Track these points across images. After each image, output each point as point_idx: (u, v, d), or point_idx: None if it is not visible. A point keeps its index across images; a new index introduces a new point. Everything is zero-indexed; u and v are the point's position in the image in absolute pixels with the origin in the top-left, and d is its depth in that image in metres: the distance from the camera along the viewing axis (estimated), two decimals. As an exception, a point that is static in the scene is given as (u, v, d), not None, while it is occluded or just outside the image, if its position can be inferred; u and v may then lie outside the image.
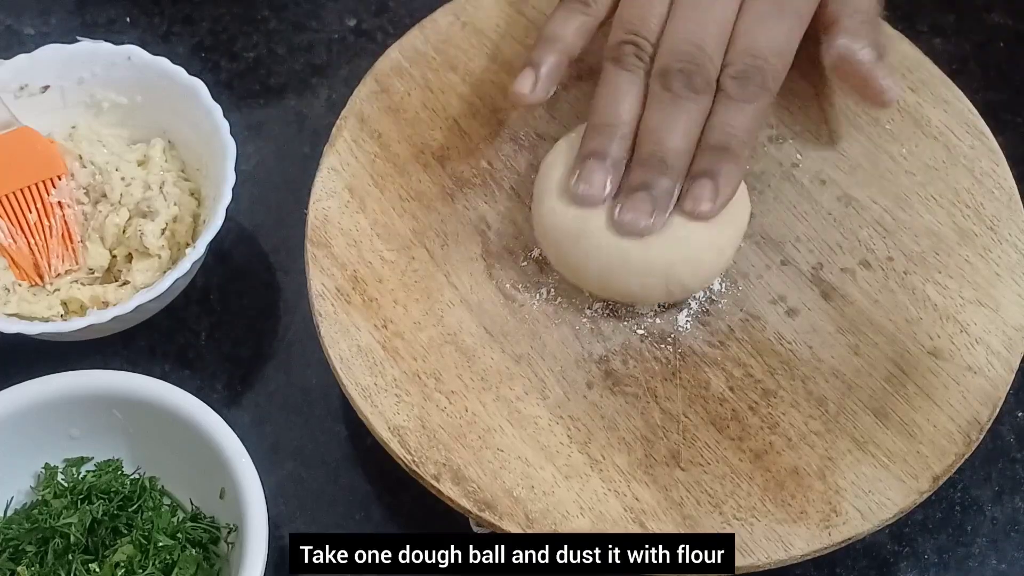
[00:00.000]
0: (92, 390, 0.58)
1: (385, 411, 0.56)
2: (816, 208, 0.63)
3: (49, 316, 0.63)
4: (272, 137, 0.73)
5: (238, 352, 0.66)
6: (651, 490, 0.55)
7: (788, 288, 0.61)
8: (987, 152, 0.64)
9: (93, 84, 0.68)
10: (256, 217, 0.70)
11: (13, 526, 0.58)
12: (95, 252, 0.65)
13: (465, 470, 0.55)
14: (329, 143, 0.64)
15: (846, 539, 0.54)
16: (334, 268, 0.60)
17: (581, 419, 0.57)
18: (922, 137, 0.65)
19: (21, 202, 0.65)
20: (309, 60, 0.77)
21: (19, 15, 0.79)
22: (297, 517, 0.62)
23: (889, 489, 0.55)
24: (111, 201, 0.66)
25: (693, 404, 0.57)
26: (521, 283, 0.61)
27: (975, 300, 0.60)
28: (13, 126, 0.66)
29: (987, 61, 0.76)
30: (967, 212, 0.62)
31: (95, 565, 0.56)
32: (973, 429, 0.56)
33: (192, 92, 0.66)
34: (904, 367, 0.58)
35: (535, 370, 0.58)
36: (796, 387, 0.58)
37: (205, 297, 0.68)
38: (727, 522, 0.54)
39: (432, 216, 0.63)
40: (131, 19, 0.78)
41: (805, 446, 0.56)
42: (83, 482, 0.59)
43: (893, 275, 0.61)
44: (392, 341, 0.58)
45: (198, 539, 0.58)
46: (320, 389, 0.65)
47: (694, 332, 0.59)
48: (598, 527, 0.54)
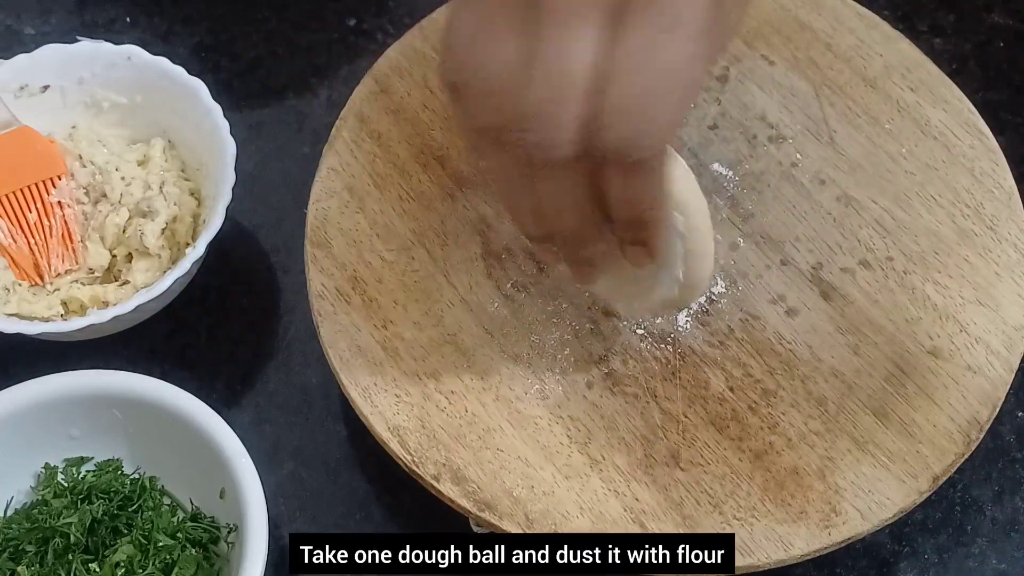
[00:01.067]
0: (92, 390, 0.58)
1: (385, 411, 0.56)
2: (816, 208, 0.63)
3: (49, 316, 0.63)
4: (272, 137, 0.73)
5: (238, 352, 0.66)
6: (651, 490, 0.55)
7: (788, 288, 0.61)
8: (987, 152, 0.64)
9: (93, 84, 0.68)
10: (256, 217, 0.70)
11: (13, 526, 0.58)
12: (95, 252, 0.65)
13: (465, 470, 0.55)
14: (329, 143, 0.64)
15: (846, 539, 0.54)
16: (334, 268, 0.60)
17: (581, 419, 0.57)
18: (922, 137, 0.65)
19: (21, 202, 0.65)
20: (309, 60, 0.77)
21: (19, 15, 0.79)
22: (297, 517, 0.62)
23: (889, 489, 0.55)
24: (111, 201, 0.66)
25: (693, 404, 0.57)
26: (521, 283, 0.61)
27: (975, 300, 0.60)
28: (13, 126, 0.66)
29: (987, 61, 0.76)
30: (967, 212, 0.62)
31: (95, 565, 0.56)
32: (973, 429, 0.56)
33: (192, 92, 0.66)
34: (904, 367, 0.58)
35: (535, 370, 0.58)
36: (796, 387, 0.58)
37: (205, 297, 0.68)
38: (727, 522, 0.54)
39: (432, 216, 0.63)
40: (131, 19, 0.78)
41: (805, 446, 0.56)
42: (83, 482, 0.59)
43: (893, 275, 0.61)
44: (392, 341, 0.58)
45: (198, 539, 0.58)
46: (320, 389, 0.65)
47: (694, 332, 0.59)
48: (598, 527, 0.54)
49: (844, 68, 0.67)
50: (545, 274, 0.61)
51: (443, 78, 0.45)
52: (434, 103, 0.66)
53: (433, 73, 0.67)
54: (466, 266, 0.61)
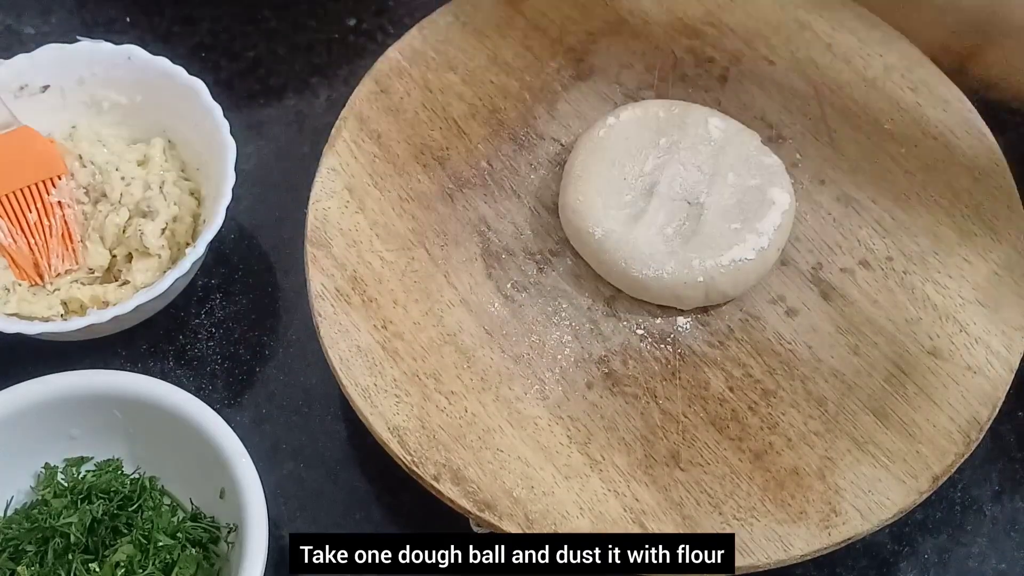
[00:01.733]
0: (92, 390, 0.58)
1: (385, 411, 0.56)
2: (816, 208, 0.63)
3: (49, 316, 0.63)
4: (272, 137, 0.73)
5: (238, 352, 0.66)
6: (651, 490, 0.55)
7: (787, 288, 0.61)
8: (987, 152, 0.64)
9: (93, 84, 0.68)
10: (256, 217, 0.70)
11: (13, 526, 0.58)
12: (95, 252, 0.65)
13: (465, 470, 0.55)
14: (329, 144, 0.64)
15: (846, 539, 0.54)
16: (334, 268, 0.60)
17: (581, 419, 0.57)
18: (922, 137, 0.65)
19: (21, 202, 0.65)
20: (309, 60, 0.77)
21: (19, 15, 0.79)
22: (297, 517, 0.62)
23: (889, 489, 0.55)
24: (111, 201, 0.66)
25: (693, 404, 0.57)
26: (521, 283, 0.61)
27: (975, 300, 0.60)
28: (13, 126, 0.66)
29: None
30: (967, 212, 0.62)
31: (95, 565, 0.56)
32: (973, 429, 0.56)
33: (192, 92, 0.66)
34: (904, 367, 0.58)
35: (535, 370, 0.58)
36: (796, 387, 0.58)
37: (205, 297, 0.68)
38: (727, 522, 0.54)
39: (432, 216, 0.63)
40: (131, 19, 0.78)
41: (805, 446, 0.56)
42: (83, 482, 0.59)
43: (893, 275, 0.61)
44: (392, 341, 0.58)
45: (198, 539, 0.58)
46: (320, 389, 0.65)
47: (694, 332, 0.59)
48: (598, 527, 0.54)
49: (844, 68, 0.67)
50: (545, 274, 0.61)
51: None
52: (434, 103, 0.66)
53: (433, 73, 0.67)
54: (466, 266, 0.61)
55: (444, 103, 0.66)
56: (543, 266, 0.61)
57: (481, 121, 0.66)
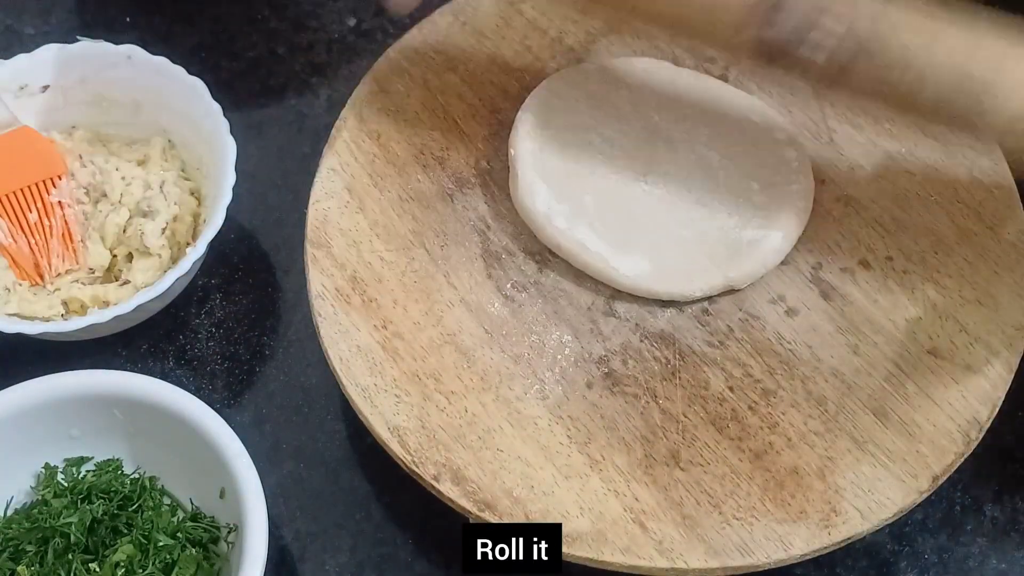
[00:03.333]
0: (92, 390, 0.58)
1: (385, 411, 0.56)
2: (815, 208, 0.63)
3: (49, 316, 0.63)
4: (272, 137, 0.73)
5: (238, 352, 0.66)
6: (651, 490, 0.55)
7: (787, 288, 0.61)
8: (987, 152, 0.64)
9: (93, 84, 0.68)
10: (256, 217, 0.70)
11: (13, 526, 0.58)
12: (95, 252, 0.65)
13: (465, 470, 0.55)
14: (328, 144, 0.64)
15: (846, 539, 0.54)
16: (333, 268, 0.60)
17: (581, 419, 0.57)
18: (922, 137, 0.65)
19: (21, 202, 0.65)
20: (309, 60, 0.77)
21: (19, 15, 0.79)
22: (297, 517, 0.62)
23: (889, 489, 0.55)
24: (111, 201, 0.66)
25: (693, 404, 0.57)
26: (521, 283, 0.61)
27: (974, 299, 0.60)
28: (13, 126, 0.66)
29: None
30: (967, 212, 0.62)
31: (95, 565, 0.56)
32: (972, 429, 0.56)
33: (192, 92, 0.66)
34: (903, 367, 0.58)
35: (535, 370, 0.58)
36: (796, 387, 0.58)
37: (205, 297, 0.68)
38: (727, 522, 0.54)
39: (431, 216, 0.63)
40: (131, 19, 0.78)
41: (805, 446, 0.56)
42: (83, 482, 0.59)
43: (892, 275, 0.61)
44: (392, 341, 0.59)
45: (198, 539, 0.58)
46: (320, 389, 0.65)
47: (694, 332, 0.59)
48: (598, 527, 0.54)
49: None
50: (545, 274, 0.61)
51: None
52: (434, 103, 0.66)
53: (433, 73, 0.67)
54: (466, 266, 0.61)
55: (444, 103, 0.66)
56: (543, 266, 0.61)
57: (481, 121, 0.66)
